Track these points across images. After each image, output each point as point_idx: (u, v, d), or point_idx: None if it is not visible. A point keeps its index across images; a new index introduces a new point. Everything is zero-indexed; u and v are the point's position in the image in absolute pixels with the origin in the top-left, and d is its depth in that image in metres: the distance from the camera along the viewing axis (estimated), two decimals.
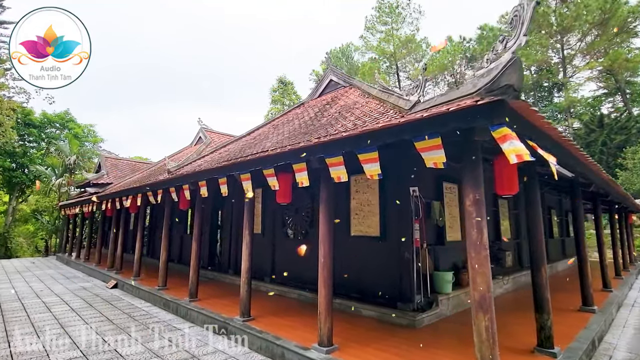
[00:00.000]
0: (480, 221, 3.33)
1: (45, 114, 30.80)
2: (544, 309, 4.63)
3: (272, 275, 8.97)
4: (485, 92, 2.97)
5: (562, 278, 12.01)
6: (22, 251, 27.65)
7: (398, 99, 6.87)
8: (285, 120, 11.32)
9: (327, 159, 4.57)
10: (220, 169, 6.46)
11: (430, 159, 3.58)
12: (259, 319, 6.18)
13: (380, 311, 6.29)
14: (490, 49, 3.24)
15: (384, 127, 3.73)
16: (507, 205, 10.31)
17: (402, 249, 6.35)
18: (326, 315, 4.68)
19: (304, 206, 8.51)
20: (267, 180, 5.71)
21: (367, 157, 4.12)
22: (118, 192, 11.99)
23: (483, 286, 3.22)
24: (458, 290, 7.01)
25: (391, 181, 6.69)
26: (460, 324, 6.04)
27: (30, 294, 9.79)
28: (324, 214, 4.97)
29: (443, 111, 3.20)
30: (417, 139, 3.59)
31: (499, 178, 4.26)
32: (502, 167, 4.17)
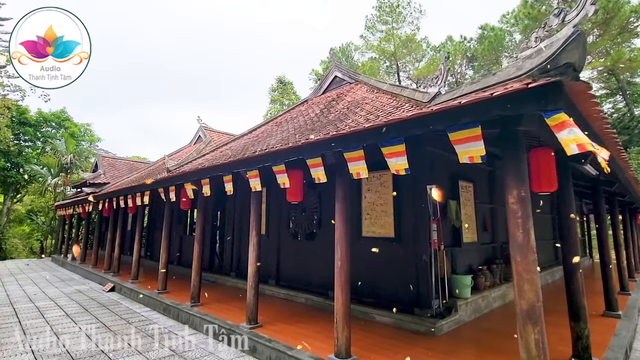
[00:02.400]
0: (527, 221, 2.95)
1: (41, 113, 30.22)
2: (580, 316, 4.27)
3: (277, 277, 8.58)
4: (538, 73, 2.60)
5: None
6: (16, 252, 27.08)
7: (413, 92, 6.52)
8: (289, 117, 10.94)
9: (345, 153, 4.19)
10: (226, 166, 6.06)
11: (466, 152, 3.21)
12: (266, 326, 5.78)
13: (396, 317, 5.91)
14: (539, 26, 2.87)
15: (414, 117, 3.35)
16: None
17: (419, 251, 5.97)
18: (344, 323, 4.30)
19: (311, 206, 8.12)
20: (277, 178, 5.33)
21: (392, 151, 3.74)
22: (116, 191, 11.56)
23: (532, 295, 2.85)
24: (475, 295, 6.65)
25: (406, 179, 6.30)
26: (481, 331, 5.68)
27: (23, 298, 9.34)
28: (340, 214, 4.58)
29: (485, 97, 2.82)
30: (452, 129, 3.21)
31: (535, 173, 3.89)
32: (539, 161, 3.81)
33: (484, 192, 8.19)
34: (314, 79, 43.90)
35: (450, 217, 6.68)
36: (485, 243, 7.98)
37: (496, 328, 5.80)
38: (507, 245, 8.70)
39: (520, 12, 32.72)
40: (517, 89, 2.65)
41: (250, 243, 6.00)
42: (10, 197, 28.15)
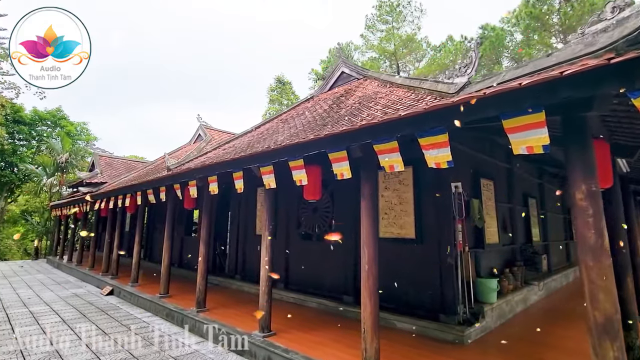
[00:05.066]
0: (599, 219, 2.56)
1: (36, 111, 29.57)
2: (631, 326, 3.89)
3: (286, 281, 8.15)
4: (625, 45, 2.21)
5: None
6: (10, 254, 26.44)
7: (435, 83, 6.15)
8: (295, 114, 10.56)
9: (376, 145, 3.79)
10: (236, 162, 5.64)
11: (524, 141, 2.81)
12: (281, 334, 5.36)
13: (419, 324, 5.51)
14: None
15: (461, 102, 2.95)
16: (535, 205, 9.60)
17: (444, 253, 5.58)
18: (372, 334, 3.90)
19: (322, 205, 7.72)
20: (293, 175, 4.91)
21: (432, 142, 3.34)
22: (114, 190, 11.10)
23: (608, 305, 2.46)
24: (500, 300, 6.26)
25: (428, 176, 5.94)
26: (512, 339, 5.28)
27: (17, 303, 8.86)
28: (367, 212, 4.18)
29: (553, 76, 2.43)
30: (508, 116, 2.83)
31: None
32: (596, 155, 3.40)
33: (503, 191, 7.83)
34: (313, 79, 43.55)
35: (473, 216, 6.31)
36: (506, 244, 7.61)
37: (527, 336, 5.42)
38: (527, 247, 8.36)
39: (522, 11, 32.55)
40: (596, 65, 2.26)
41: (263, 245, 5.58)
42: (4, 197, 27.50)
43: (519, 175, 8.59)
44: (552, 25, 32.07)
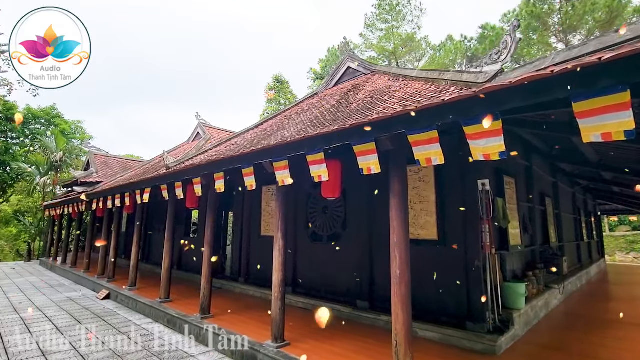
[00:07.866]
0: None
1: (30, 109, 28.87)
2: None
3: (294, 284, 7.71)
4: None
5: (607, 284, 11.07)
6: (2, 255, 25.72)
7: (459, 73, 5.74)
8: (300, 110, 10.14)
9: (410, 135, 3.37)
10: (247, 156, 5.20)
11: (600, 127, 2.41)
12: (295, 344, 4.93)
13: (443, 332, 5.10)
14: None
15: (523, 82, 2.53)
16: (551, 204, 9.25)
17: (470, 256, 5.19)
18: (406, 347, 3.48)
19: (334, 204, 7.29)
20: (311, 170, 4.49)
21: (481, 131, 2.93)
22: (112, 189, 10.60)
23: None
24: (526, 305, 5.87)
25: (451, 174, 5.55)
26: (545, 349, 4.89)
27: (7, 308, 8.34)
28: (398, 212, 3.77)
29: None
30: (580, 98, 2.42)
31: None
32: None
33: (523, 190, 7.46)
34: (312, 78, 43.20)
35: (498, 216, 5.91)
36: (528, 246, 7.23)
37: (560, 344, 5.04)
38: (546, 249, 7.99)
39: (523, 10, 32.40)
40: None
41: (275, 246, 5.15)
42: None
43: (536, 173, 8.23)
44: (551, 26, 31.94)
